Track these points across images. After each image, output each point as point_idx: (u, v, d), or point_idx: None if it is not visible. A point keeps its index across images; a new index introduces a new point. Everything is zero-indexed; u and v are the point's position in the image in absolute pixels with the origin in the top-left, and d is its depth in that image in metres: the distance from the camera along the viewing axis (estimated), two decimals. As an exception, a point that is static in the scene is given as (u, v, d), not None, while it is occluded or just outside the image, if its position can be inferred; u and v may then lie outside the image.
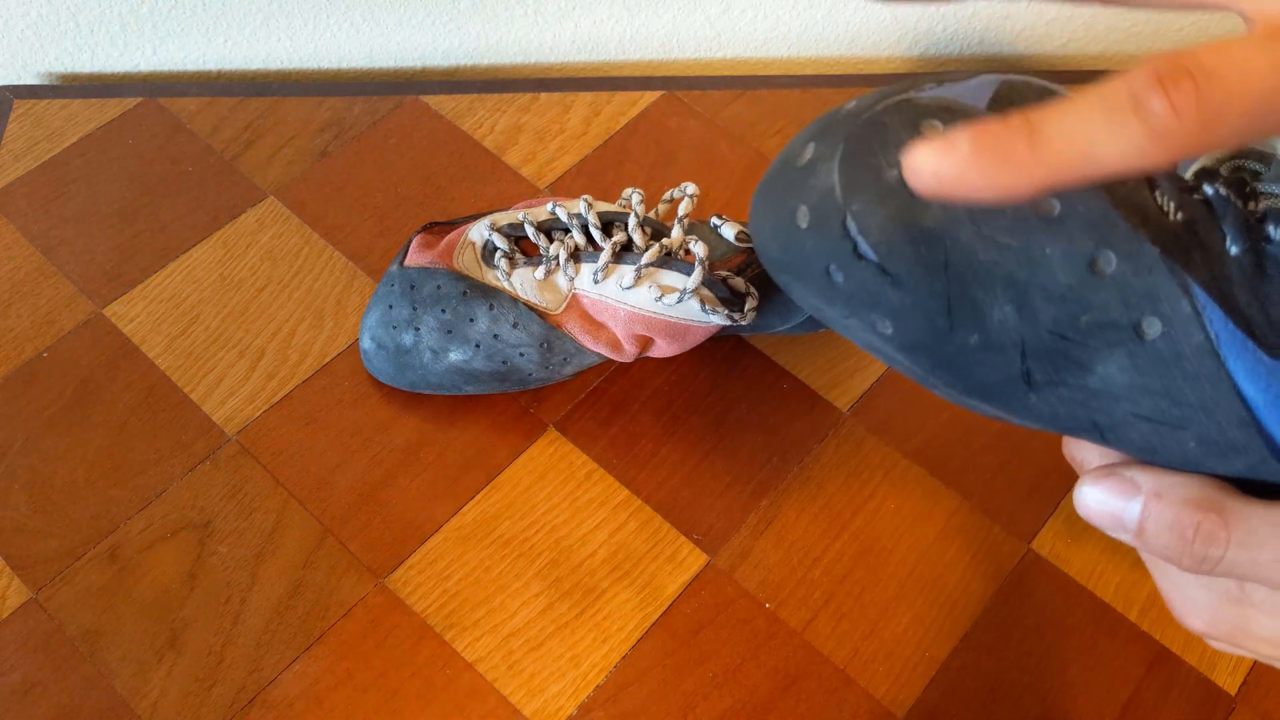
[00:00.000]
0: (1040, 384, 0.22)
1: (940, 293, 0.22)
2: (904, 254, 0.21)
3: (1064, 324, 0.21)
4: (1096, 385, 0.22)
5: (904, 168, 0.19)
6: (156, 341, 0.54)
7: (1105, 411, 0.22)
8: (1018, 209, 0.21)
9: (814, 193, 0.22)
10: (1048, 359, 0.22)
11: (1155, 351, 0.21)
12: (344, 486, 0.50)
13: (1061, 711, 0.45)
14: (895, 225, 0.21)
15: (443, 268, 0.49)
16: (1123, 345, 0.21)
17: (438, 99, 0.64)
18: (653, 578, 0.48)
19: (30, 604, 0.47)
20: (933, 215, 0.21)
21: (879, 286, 0.22)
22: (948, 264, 0.21)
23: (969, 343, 0.22)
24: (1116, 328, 0.21)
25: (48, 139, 0.62)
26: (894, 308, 0.22)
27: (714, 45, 0.70)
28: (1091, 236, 0.21)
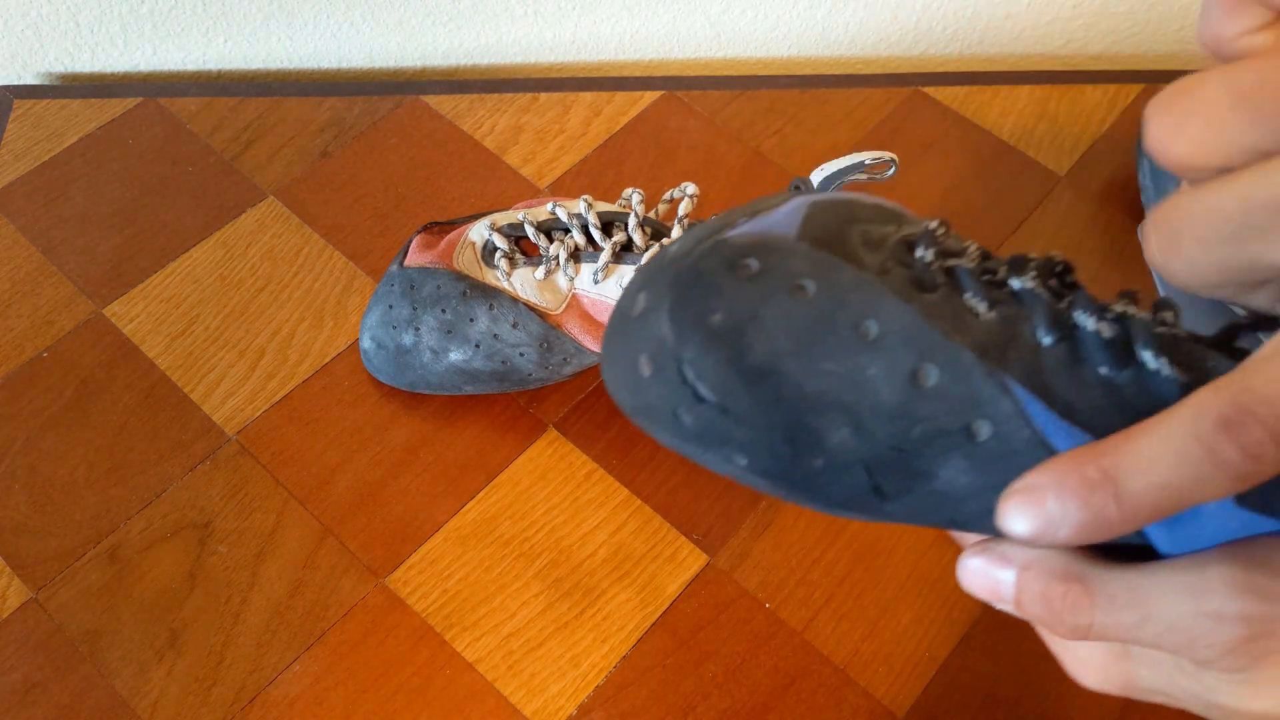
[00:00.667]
0: (891, 494, 0.23)
1: (779, 424, 0.23)
2: (739, 394, 0.23)
3: (899, 438, 0.22)
4: (943, 489, 0.23)
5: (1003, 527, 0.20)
6: (156, 341, 0.54)
7: (956, 509, 0.23)
8: (839, 337, 0.22)
9: (650, 343, 0.23)
10: (892, 472, 0.23)
11: (989, 451, 0.22)
12: (344, 486, 0.50)
13: (1061, 711, 0.45)
14: (726, 368, 0.23)
15: (443, 268, 0.49)
16: (958, 450, 0.22)
17: (438, 99, 0.64)
18: (653, 578, 0.48)
19: (30, 604, 0.47)
20: (759, 355, 0.22)
21: (723, 425, 0.23)
22: (780, 397, 0.22)
23: (815, 466, 0.23)
24: (948, 434, 0.22)
25: (48, 139, 0.62)
26: (741, 443, 0.23)
27: (714, 45, 0.70)
28: (909, 352, 0.22)
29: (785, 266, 0.23)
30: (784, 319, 0.22)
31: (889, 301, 0.22)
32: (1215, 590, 0.22)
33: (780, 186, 0.61)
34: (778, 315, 0.22)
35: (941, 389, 0.22)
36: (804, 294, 0.22)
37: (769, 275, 0.23)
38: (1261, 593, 0.22)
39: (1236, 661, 0.22)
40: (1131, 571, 0.24)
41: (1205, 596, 0.22)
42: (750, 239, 0.23)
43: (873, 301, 0.22)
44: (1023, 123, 0.64)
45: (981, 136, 0.63)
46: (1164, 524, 0.23)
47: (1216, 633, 0.22)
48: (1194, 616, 0.22)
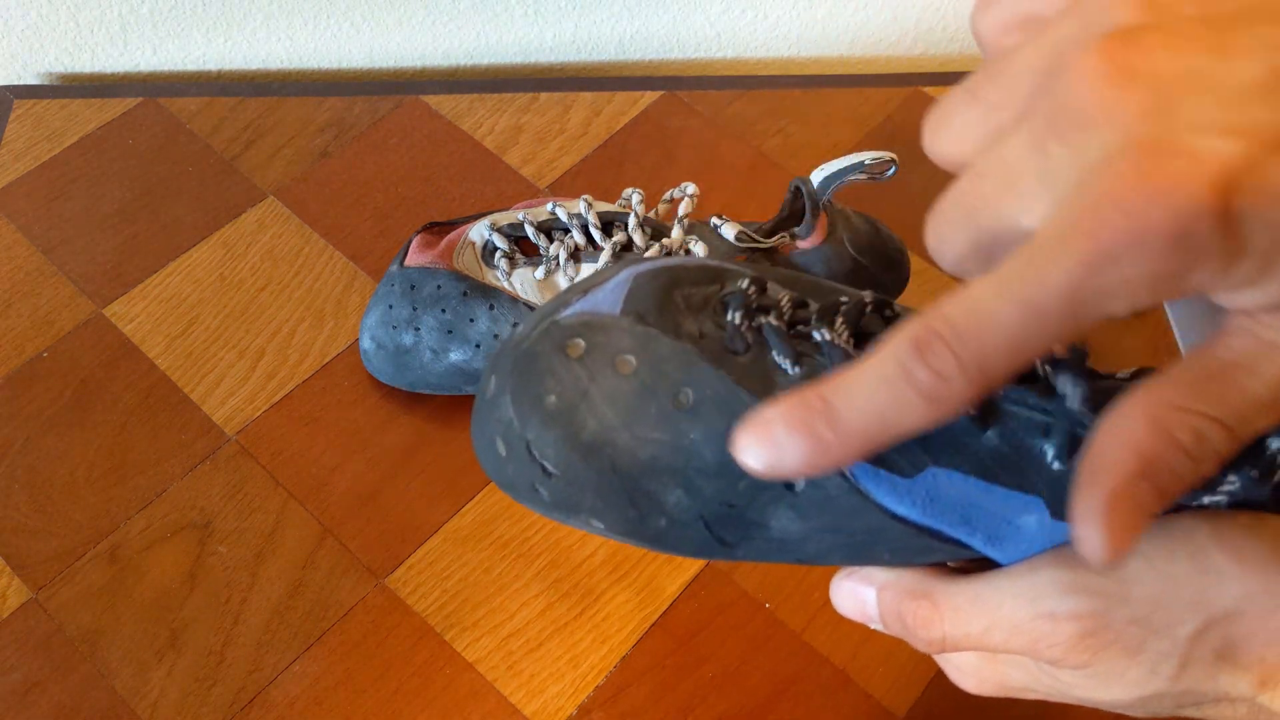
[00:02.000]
0: (734, 543, 0.25)
1: (619, 490, 0.24)
2: (578, 467, 0.24)
3: (727, 494, 0.24)
4: (778, 535, 0.25)
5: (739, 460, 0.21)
6: (156, 341, 0.54)
7: (798, 551, 0.25)
8: (660, 407, 0.24)
9: (501, 425, 0.25)
10: (728, 525, 0.24)
11: (808, 499, 0.24)
12: (344, 486, 0.50)
13: (1061, 713, 0.45)
14: (563, 444, 0.24)
15: (443, 268, 0.49)
16: (782, 500, 0.24)
17: (438, 99, 0.64)
18: (652, 579, 0.48)
19: (30, 604, 0.47)
20: (590, 430, 0.24)
21: (573, 495, 0.25)
22: (615, 467, 0.24)
23: (660, 525, 0.25)
24: (769, 488, 0.24)
25: (48, 139, 0.62)
26: (592, 509, 0.25)
27: (714, 45, 0.70)
28: (724, 416, 0.24)
29: (609, 343, 0.24)
30: (610, 395, 0.24)
31: (703, 368, 0.24)
32: (1047, 592, 0.23)
33: (782, 186, 0.61)
34: (604, 392, 0.24)
35: None
36: (628, 367, 0.24)
37: (595, 353, 0.24)
38: (1090, 590, 0.23)
39: (1078, 658, 0.24)
40: (976, 582, 0.25)
41: (1039, 599, 0.24)
42: (579, 319, 0.25)
43: (688, 369, 0.24)
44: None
45: (982, 136, 0.63)
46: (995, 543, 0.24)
47: (1054, 633, 0.23)
48: (1032, 619, 0.24)
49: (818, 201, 0.47)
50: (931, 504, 0.24)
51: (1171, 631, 0.23)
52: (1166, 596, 0.23)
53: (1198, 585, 0.23)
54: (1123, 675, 0.24)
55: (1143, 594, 0.23)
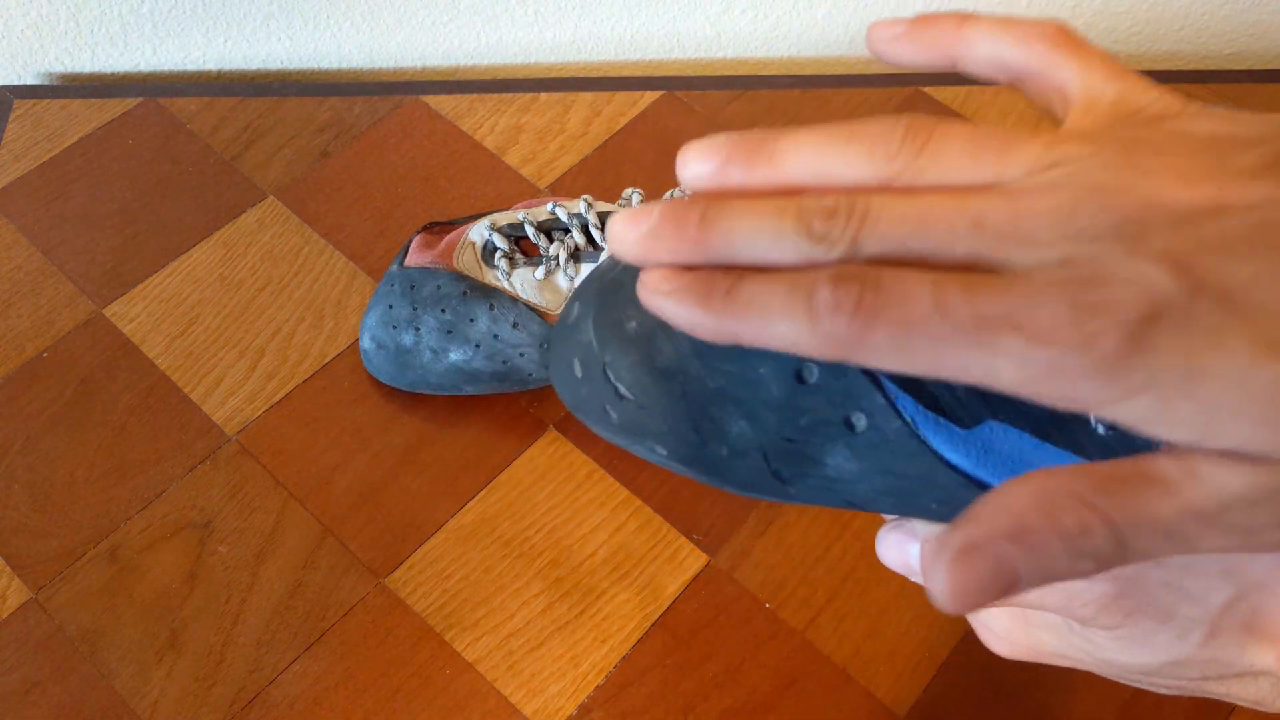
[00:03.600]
0: (789, 479, 0.26)
1: (685, 416, 0.26)
2: (650, 391, 0.26)
3: (788, 429, 0.25)
4: (833, 474, 0.26)
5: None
6: (156, 341, 0.54)
7: (850, 492, 0.26)
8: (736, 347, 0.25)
9: (580, 348, 0.27)
10: (786, 459, 0.26)
11: (867, 440, 0.25)
12: (344, 486, 0.50)
13: (1062, 711, 0.45)
14: (640, 369, 0.26)
15: (443, 268, 0.49)
16: (840, 439, 0.25)
17: (438, 99, 0.64)
18: (653, 578, 0.48)
19: (30, 604, 0.47)
20: (666, 356, 0.25)
21: (641, 419, 0.26)
22: (685, 393, 0.25)
23: (721, 454, 0.26)
24: (830, 425, 0.25)
25: (48, 139, 0.62)
26: (658, 433, 0.26)
27: (714, 45, 0.70)
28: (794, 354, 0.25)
29: None
30: None
31: None
32: None
33: (780, 186, 0.61)
34: None
35: (822, 385, 0.25)
36: None
37: None
38: None
39: (1110, 619, 0.24)
40: None
41: None
42: None
43: None
44: (1023, 123, 0.64)
45: (982, 136, 0.63)
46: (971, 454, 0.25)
47: (1089, 590, 0.24)
48: None
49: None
50: (985, 456, 0.24)
51: (1204, 598, 0.23)
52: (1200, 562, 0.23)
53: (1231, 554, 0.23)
54: (1152, 639, 0.24)
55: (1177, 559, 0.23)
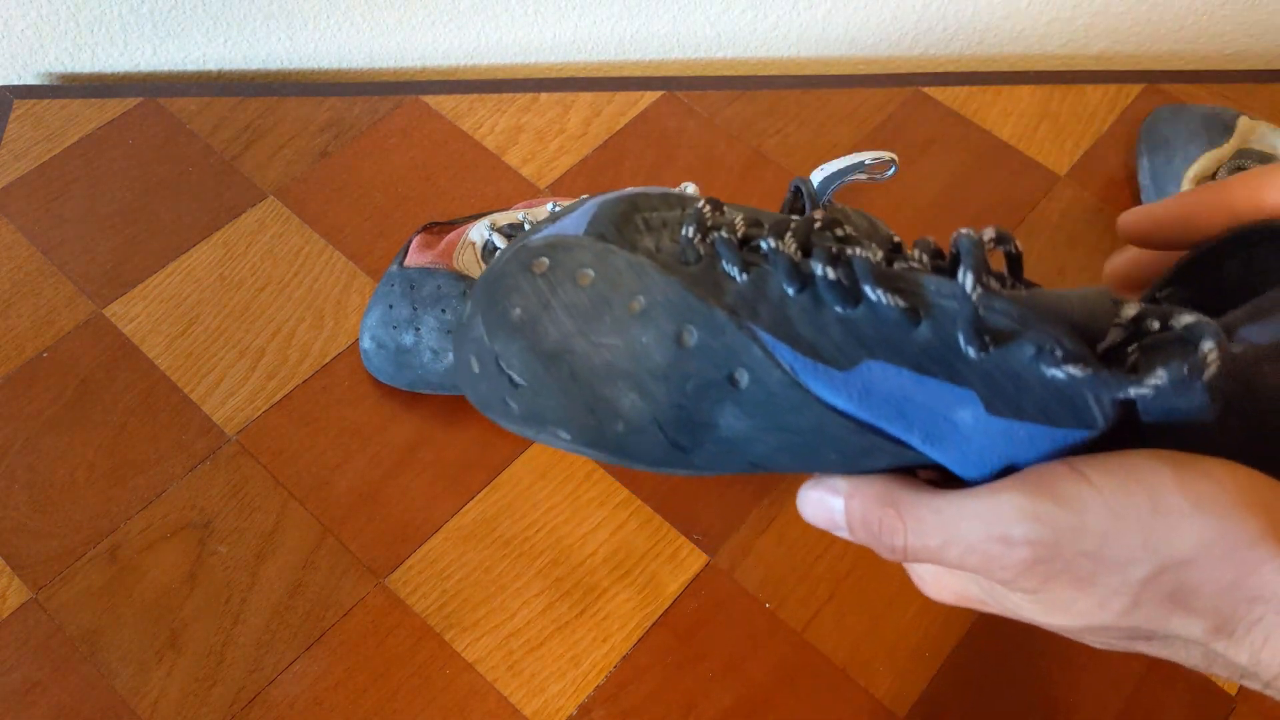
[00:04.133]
0: (688, 447, 0.26)
1: (578, 396, 0.26)
2: (541, 375, 0.26)
3: (676, 395, 0.25)
4: (728, 434, 0.26)
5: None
6: (156, 341, 0.54)
7: (748, 453, 0.26)
8: (615, 314, 0.25)
9: (474, 344, 0.27)
10: (680, 427, 0.26)
11: (752, 396, 0.25)
12: (344, 486, 0.50)
13: (1062, 710, 0.45)
14: (528, 354, 0.26)
15: (443, 268, 0.49)
16: (728, 398, 0.25)
17: (438, 99, 0.64)
18: (653, 577, 0.48)
19: (30, 604, 0.47)
20: (552, 339, 0.26)
21: (539, 405, 0.26)
22: (574, 373, 0.26)
23: (619, 430, 0.26)
24: (716, 385, 0.25)
25: (48, 139, 0.62)
26: (557, 418, 0.26)
27: (714, 45, 0.70)
28: (672, 319, 0.25)
29: (571, 259, 0.26)
30: (569, 305, 0.26)
31: (655, 277, 0.25)
32: (1005, 516, 0.24)
33: (781, 186, 0.61)
34: (565, 303, 0.26)
35: (702, 346, 0.25)
36: (586, 280, 0.26)
37: (557, 269, 0.26)
38: (1046, 519, 0.24)
39: (1028, 583, 0.24)
40: (938, 498, 0.26)
41: (996, 522, 0.24)
42: (545, 240, 0.27)
43: (641, 279, 0.26)
44: (1023, 122, 0.64)
45: (982, 136, 0.63)
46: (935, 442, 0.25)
47: (1007, 555, 0.24)
48: (987, 540, 0.24)
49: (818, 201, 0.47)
50: (867, 397, 0.25)
51: (1124, 570, 0.23)
52: (1120, 533, 0.23)
53: (1152, 526, 0.23)
54: (1071, 605, 0.24)
55: (1097, 529, 0.23)
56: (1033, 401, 0.23)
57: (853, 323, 0.24)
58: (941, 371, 0.24)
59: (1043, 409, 0.24)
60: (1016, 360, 0.23)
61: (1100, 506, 0.23)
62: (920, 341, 0.24)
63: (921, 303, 0.24)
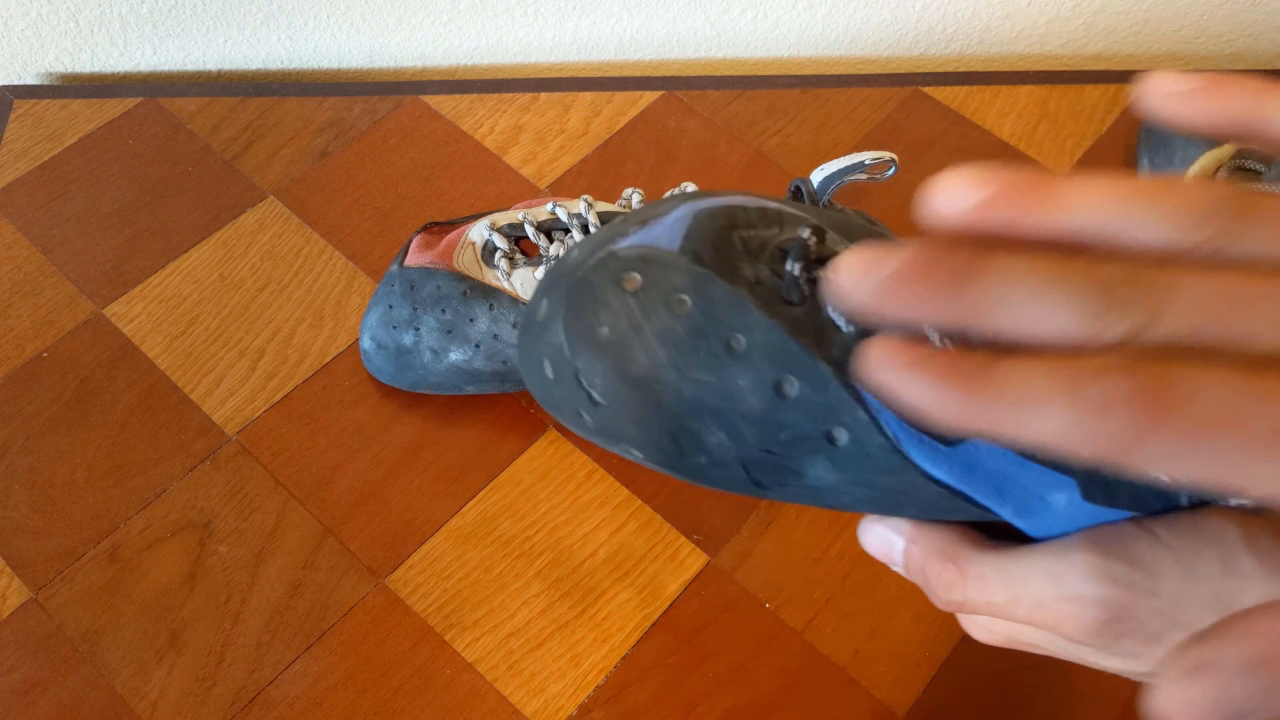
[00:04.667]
0: (769, 486, 0.26)
1: (662, 426, 0.25)
2: (625, 399, 0.25)
3: (768, 441, 0.25)
4: (814, 483, 0.25)
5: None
6: (156, 341, 0.54)
7: (830, 499, 0.26)
8: (711, 350, 0.24)
9: (550, 348, 0.26)
10: (766, 469, 0.25)
11: (848, 454, 0.24)
12: (344, 486, 0.50)
13: (1063, 710, 0.45)
14: (613, 377, 0.25)
15: (443, 268, 0.49)
16: (821, 453, 0.25)
17: (438, 99, 0.64)
18: (653, 578, 0.48)
19: (30, 604, 0.47)
20: (641, 366, 0.25)
21: (616, 424, 0.25)
22: (660, 403, 0.25)
23: (700, 462, 0.25)
24: (811, 439, 0.24)
25: (48, 139, 0.62)
26: (633, 439, 0.26)
27: (714, 45, 0.70)
28: (773, 366, 0.24)
29: (666, 281, 0.25)
30: (663, 333, 0.24)
31: (756, 316, 0.24)
32: (1077, 575, 0.24)
33: (781, 186, 0.61)
34: (657, 329, 0.24)
35: (803, 399, 0.24)
36: (682, 307, 0.24)
37: (651, 289, 0.25)
38: (1118, 580, 0.24)
39: (1100, 641, 0.24)
40: (1003, 555, 0.25)
41: (1067, 582, 0.24)
42: (636, 252, 0.25)
43: (742, 316, 0.24)
44: (1023, 123, 0.64)
45: (981, 136, 0.63)
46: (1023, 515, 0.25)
47: (1079, 615, 0.24)
48: (1057, 600, 0.24)
49: (818, 201, 0.47)
50: (968, 473, 0.24)
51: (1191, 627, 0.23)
52: (1191, 594, 0.23)
53: (1222, 586, 0.23)
54: (1139, 657, 0.24)
55: (1169, 589, 0.23)
56: (1129, 493, 0.24)
57: None
58: (1048, 459, 0.24)
59: (1136, 499, 0.24)
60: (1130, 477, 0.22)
61: (1173, 567, 0.23)
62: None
63: None
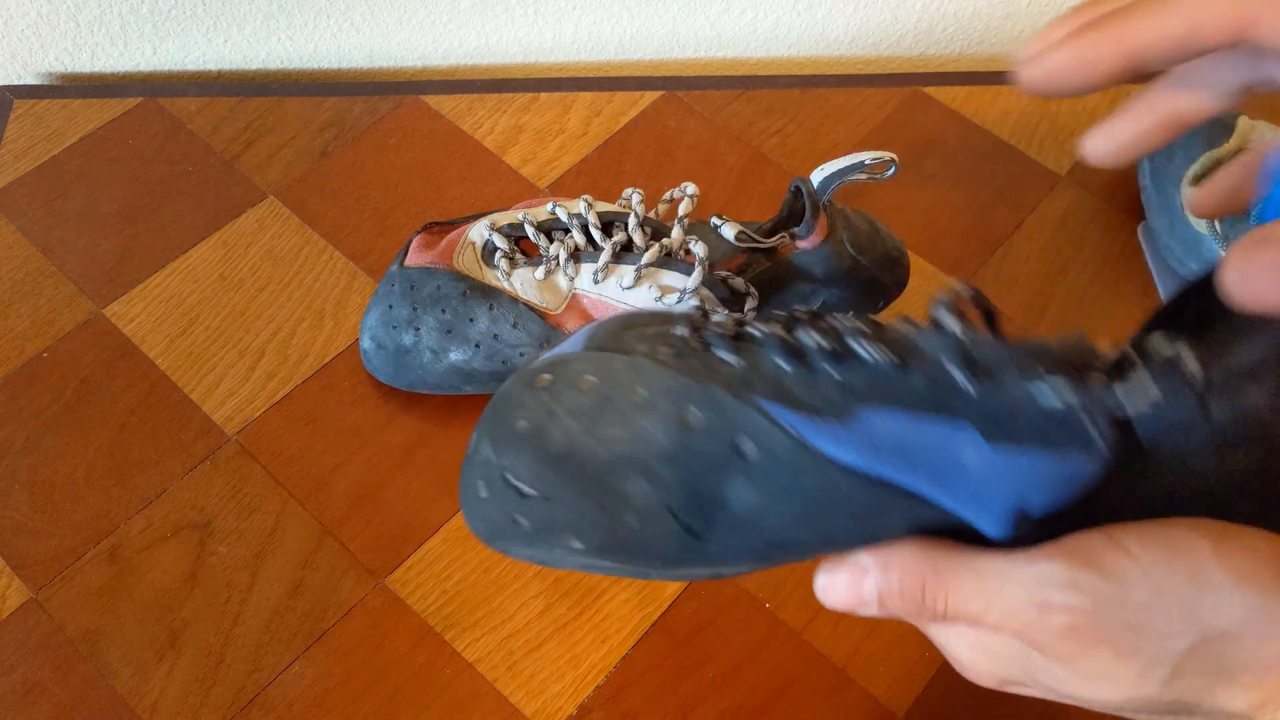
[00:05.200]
0: (701, 532, 0.27)
1: (588, 492, 0.26)
2: (549, 479, 0.27)
3: (684, 474, 0.26)
4: (740, 510, 0.26)
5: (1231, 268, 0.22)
6: (156, 341, 0.54)
7: (764, 528, 0.27)
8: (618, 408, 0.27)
9: (481, 468, 0.28)
10: (691, 509, 0.26)
11: (760, 466, 0.26)
12: (344, 487, 0.50)
13: (1062, 710, 0.45)
14: (535, 460, 0.27)
15: (443, 268, 0.49)
16: (735, 471, 0.26)
17: (438, 99, 0.64)
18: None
19: (30, 604, 0.47)
20: (558, 442, 0.27)
21: (549, 512, 0.27)
22: (582, 471, 0.26)
23: (631, 523, 0.27)
24: (722, 458, 0.26)
25: (48, 139, 0.62)
26: (567, 523, 0.27)
27: (714, 45, 0.70)
28: (673, 402, 0.26)
29: (571, 370, 0.28)
30: (574, 409, 0.27)
31: (654, 370, 0.27)
32: (1046, 582, 0.24)
33: (781, 186, 0.61)
34: (569, 408, 0.27)
35: (705, 423, 0.26)
36: (588, 384, 0.27)
37: (559, 380, 0.28)
38: (1086, 587, 0.24)
39: (1067, 648, 0.25)
40: (977, 560, 0.26)
41: (1036, 587, 0.25)
42: (546, 361, 0.29)
43: (641, 374, 0.27)
44: (1023, 122, 0.64)
45: (982, 136, 0.63)
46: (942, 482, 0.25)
47: (1046, 620, 0.24)
48: (1026, 604, 0.25)
49: (818, 201, 0.47)
50: (871, 446, 0.25)
51: (1165, 642, 0.23)
52: (1161, 605, 0.23)
53: (1194, 600, 0.23)
54: (1112, 676, 0.24)
55: (1138, 600, 0.23)
56: (1030, 427, 0.24)
57: (846, 378, 0.26)
58: (936, 409, 0.25)
59: (1040, 434, 0.24)
60: (1008, 389, 0.24)
61: (1141, 578, 0.24)
62: (912, 385, 0.25)
63: (909, 351, 0.26)
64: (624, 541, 0.27)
